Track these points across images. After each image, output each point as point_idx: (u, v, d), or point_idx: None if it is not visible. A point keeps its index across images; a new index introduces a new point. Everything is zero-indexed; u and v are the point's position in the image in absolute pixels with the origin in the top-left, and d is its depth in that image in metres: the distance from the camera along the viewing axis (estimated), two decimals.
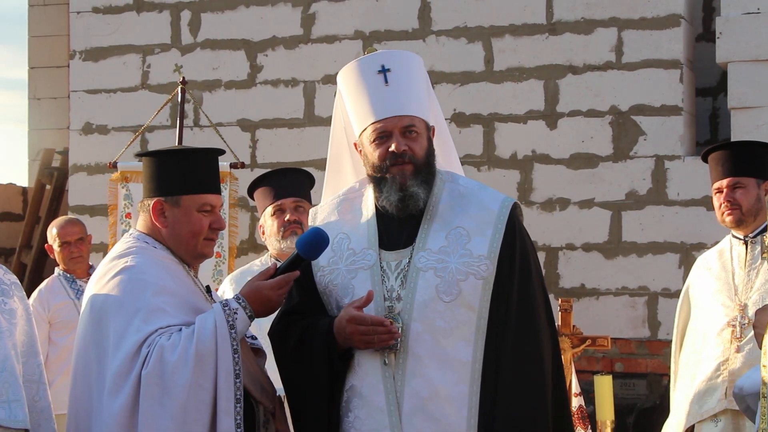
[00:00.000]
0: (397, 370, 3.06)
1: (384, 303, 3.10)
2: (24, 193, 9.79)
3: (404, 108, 3.15)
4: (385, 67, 3.18)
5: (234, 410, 2.96)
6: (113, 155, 6.78)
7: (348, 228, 3.23)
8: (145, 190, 3.22)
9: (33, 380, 3.39)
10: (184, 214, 3.16)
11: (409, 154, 3.12)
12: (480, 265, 3.08)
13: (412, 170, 3.13)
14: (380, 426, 3.06)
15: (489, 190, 3.25)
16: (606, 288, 6.71)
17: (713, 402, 4.11)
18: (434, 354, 3.05)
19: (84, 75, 7.73)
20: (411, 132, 3.14)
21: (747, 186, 4.23)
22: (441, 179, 3.22)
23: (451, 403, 3.04)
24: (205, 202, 3.17)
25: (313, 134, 7.20)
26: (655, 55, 6.64)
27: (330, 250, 3.18)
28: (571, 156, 6.79)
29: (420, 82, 3.23)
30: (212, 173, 3.23)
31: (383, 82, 3.17)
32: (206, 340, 2.96)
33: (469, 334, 3.06)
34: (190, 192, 3.15)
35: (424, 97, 3.23)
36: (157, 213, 3.17)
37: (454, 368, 3.05)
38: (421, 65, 3.30)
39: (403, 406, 3.04)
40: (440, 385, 3.04)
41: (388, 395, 3.06)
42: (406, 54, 3.30)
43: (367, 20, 7.17)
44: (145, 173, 3.23)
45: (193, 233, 3.17)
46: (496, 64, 6.93)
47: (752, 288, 4.17)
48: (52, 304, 5.68)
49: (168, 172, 3.17)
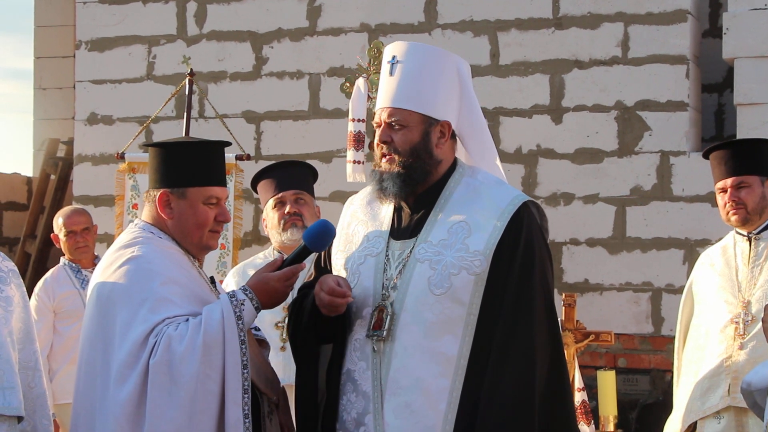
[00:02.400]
0: (383, 358, 3.09)
1: (381, 291, 3.13)
2: (29, 183, 9.80)
3: (395, 100, 3.17)
4: (395, 58, 3.21)
5: (242, 400, 2.97)
6: (118, 146, 6.79)
7: (369, 216, 3.28)
8: (150, 181, 3.22)
9: (29, 367, 3.41)
10: (189, 206, 3.16)
11: (392, 146, 3.16)
12: (474, 260, 3.08)
13: (391, 163, 3.16)
14: (365, 410, 3.11)
15: (505, 187, 3.24)
16: (610, 283, 6.70)
17: (716, 399, 4.11)
18: (420, 345, 3.07)
19: (89, 65, 7.73)
20: (395, 125, 3.16)
21: (752, 185, 4.22)
22: (460, 173, 3.23)
23: (430, 395, 3.05)
24: (212, 195, 3.18)
25: (317, 126, 7.20)
26: (661, 50, 6.63)
27: (350, 235, 3.27)
28: (576, 151, 6.78)
29: (434, 76, 3.20)
30: (219, 166, 3.24)
31: (389, 73, 3.20)
32: (214, 331, 2.97)
33: (457, 329, 3.07)
34: (197, 184, 3.16)
35: (434, 92, 3.20)
36: (163, 204, 3.17)
37: (438, 362, 3.06)
38: (444, 60, 3.24)
39: (385, 394, 3.08)
40: (421, 377, 3.05)
41: (374, 381, 3.10)
42: (422, 47, 3.29)
43: (372, 13, 7.16)
44: (151, 164, 3.23)
45: (199, 225, 3.17)
46: (502, 58, 6.93)
47: (756, 285, 4.17)
48: (58, 294, 5.69)
49: (175, 163, 3.17)
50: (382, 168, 3.18)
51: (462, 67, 3.29)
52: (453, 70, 3.25)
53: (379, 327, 3.11)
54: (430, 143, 3.18)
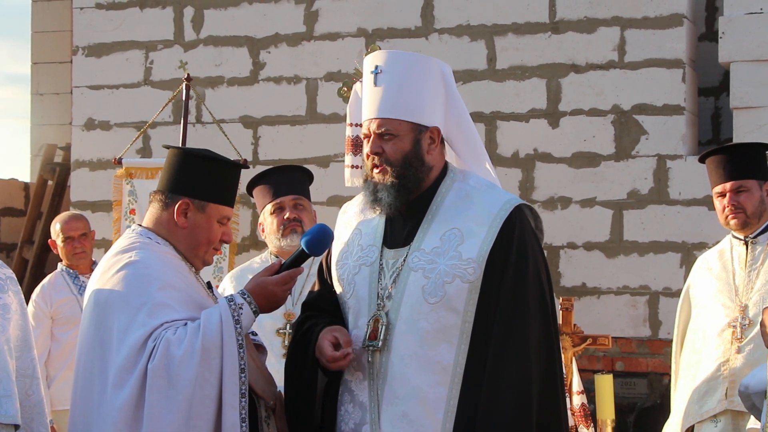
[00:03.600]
0: (380, 368, 3.09)
1: (376, 300, 3.12)
2: (26, 189, 9.79)
3: (382, 110, 3.15)
4: (378, 68, 3.18)
5: (239, 404, 2.98)
6: (115, 151, 6.78)
7: (363, 224, 3.27)
8: (167, 184, 3.20)
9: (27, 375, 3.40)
10: (206, 220, 3.19)
11: (383, 157, 3.13)
12: (467, 268, 3.06)
13: (384, 174, 3.14)
14: (362, 421, 3.10)
15: (496, 191, 3.22)
16: (607, 287, 6.71)
17: (713, 402, 4.11)
18: (416, 355, 3.06)
19: (87, 71, 7.73)
20: (385, 135, 3.14)
21: (750, 189, 4.23)
22: (451, 178, 3.21)
23: (427, 404, 3.04)
24: (225, 215, 3.23)
25: (315, 131, 7.21)
26: (657, 54, 6.64)
27: (345, 244, 3.25)
28: (573, 155, 6.79)
29: (418, 83, 3.19)
30: (235, 187, 3.30)
31: (373, 83, 3.18)
32: (212, 335, 2.97)
33: (452, 338, 3.05)
34: (218, 201, 3.20)
35: (420, 99, 3.18)
36: (181, 212, 3.18)
37: (435, 371, 3.05)
38: (426, 66, 3.23)
39: (382, 404, 3.07)
40: (418, 386, 3.05)
41: (370, 391, 3.09)
42: (404, 55, 3.26)
43: (369, 18, 7.17)
44: (173, 168, 3.21)
45: (209, 241, 3.21)
46: (499, 62, 6.94)
47: (753, 289, 4.17)
48: (55, 300, 5.67)
49: (203, 175, 3.19)
50: (376, 179, 3.16)
51: (445, 70, 3.27)
52: (437, 75, 3.23)
53: (375, 337, 3.10)
54: (421, 151, 3.16)
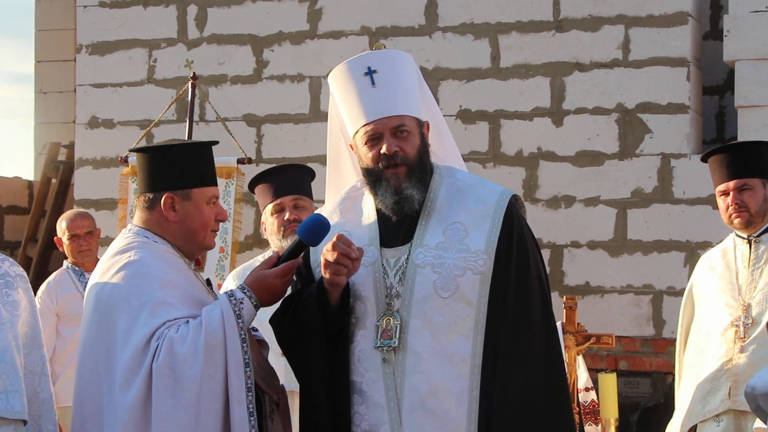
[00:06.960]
0: (396, 367, 3.08)
1: (384, 300, 3.11)
2: (30, 187, 9.81)
3: (392, 108, 3.14)
4: (371, 69, 3.18)
5: (246, 399, 2.98)
6: (119, 149, 6.80)
7: (350, 226, 3.23)
8: (146, 185, 3.20)
9: (35, 372, 3.40)
10: (194, 207, 3.18)
11: (401, 155, 3.12)
12: (477, 260, 3.09)
13: (405, 172, 3.13)
14: (380, 421, 3.08)
15: (488, 184, 3.25)
16: (611, 286, 6.71)
17: (716, 402, 4.11)
18: (433, 350, 3.06)
19: (90, 69, 7.74)
20: (402, 132, 3.14)
21: (754, 187, 4.22)
22: (439, 174, 3.22)
23: (451, 398, 3.05)
24: (212, 195, 3.22)
25: (318, 129, 7.20)
26: (662, 52, 6.63)
27: None
28: (576, 153, 6.79)
29: (409, 79, 3.21)
30: (213, 165, 3.29)
31: (370, 84, 3.17)
32: (214, 331, 2.97)
33: (467, 330, 3.07)
34: (200, 185, 3.19)
35: (414, 94, 3.21)
36: (168, 207, 3.18)
37: (454, 364, 3.06)
38: (408, 61, 3.27)
39: (404, 402, 3.06)
40: (440, 381, 3.05)
41: (387, 391, 3.08)
42: (391, 53, 3.29)
43: (373, 16, 7.17)
44: (146, 168, 3.21)
45: (204, 225, 3.20)
46: (503, 60, 6.93)
47: (756, 288, 4.17)
48: (61, 297, 5.70)
49: (177, 165, 3.18)
50: (395, 179, 3.13)
51: (415, 63, 3.30)
52: (414, 69, 3.27)
53: (388, 337, 3.09)
54: (426, 145, 3.20)
